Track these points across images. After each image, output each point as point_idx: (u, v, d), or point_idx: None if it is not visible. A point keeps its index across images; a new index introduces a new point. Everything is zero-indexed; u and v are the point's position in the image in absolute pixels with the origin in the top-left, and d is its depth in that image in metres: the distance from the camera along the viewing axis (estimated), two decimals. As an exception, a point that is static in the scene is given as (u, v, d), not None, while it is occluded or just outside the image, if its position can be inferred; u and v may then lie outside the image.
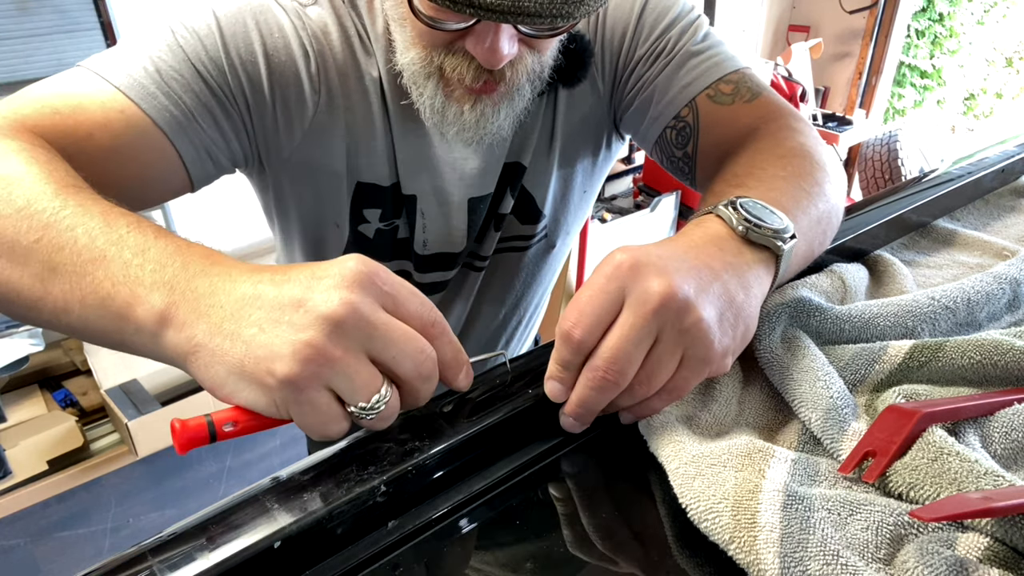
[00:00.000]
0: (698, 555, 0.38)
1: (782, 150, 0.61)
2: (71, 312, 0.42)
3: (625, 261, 0.42)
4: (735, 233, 0.49)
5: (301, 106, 0.66)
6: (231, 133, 0.64)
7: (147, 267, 0.41)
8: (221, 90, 0.61)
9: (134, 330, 0.40)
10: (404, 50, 0.62)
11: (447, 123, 0.64)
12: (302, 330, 0.36)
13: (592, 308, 0.42)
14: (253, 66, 0.62)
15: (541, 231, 0.85)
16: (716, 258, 0.46)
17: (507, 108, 0.64)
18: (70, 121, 0.55)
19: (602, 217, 3.04)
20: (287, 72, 0.64)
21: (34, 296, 0.43)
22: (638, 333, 0.41)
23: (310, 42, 0.65)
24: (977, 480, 0.38)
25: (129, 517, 2.08)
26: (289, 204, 0.76)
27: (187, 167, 0.62)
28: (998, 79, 4.72)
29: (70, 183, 0.46)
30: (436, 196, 0.75)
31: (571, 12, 0.51)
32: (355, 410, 0.38)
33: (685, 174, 0.73)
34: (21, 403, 2.25)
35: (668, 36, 0.71)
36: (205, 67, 0.60)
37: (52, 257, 0.42)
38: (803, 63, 3.50)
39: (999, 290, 0.57)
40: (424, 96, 0.63)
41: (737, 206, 0.49)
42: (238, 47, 0.62)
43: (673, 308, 0.42)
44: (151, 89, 0.58)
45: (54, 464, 2.11)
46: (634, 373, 0.42)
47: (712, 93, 0.69)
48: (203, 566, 0.35)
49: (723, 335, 0.44)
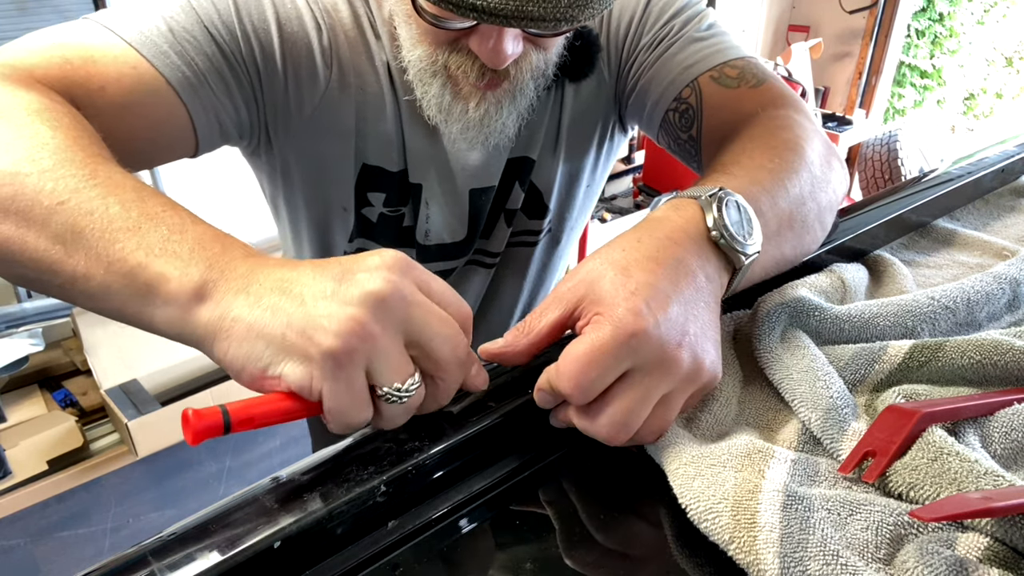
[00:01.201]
0: (698, 555, 0.38)
1: (775, 141, 0.60)
2: (92, 279, 0.40)
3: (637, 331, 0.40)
4: (708, 236, 0.47)
5: (313, 79, 0.65)
6: (240, 100, 0.63)
7: (185, 244, 0.40)
8: (233, 55, 0.61)
9: (162, 302, 0.39)
10: (410, 47, 0.62)
11: (452, 120, 0.64)
12: (348, 304, 0.36)
13: (597, 374, 0.40)
14: (266, 34, 0.62)
15: (547, 226, 0.85)
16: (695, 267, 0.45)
17: (510, 106, 0.64)
18: (82, 72, 0.53)
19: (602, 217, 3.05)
20: (299, 43, 0.64)
21: (50, 259, 0.41)
22: (650, 396, 0.41)
23: (322, 16, 0.65)
24: (977, 480, 0.38)
25: (129, 517, 2.08)
26: (296, 187, 0.75)
27: (196, 129, 0.61)
28: (998, 79, 4.72)
29: (98, 153, 0.45)
30: (440, 186, 0.75)
31: (576, 16, 0.51)
32: (388, 391, 0.38)
33: (692, 157, 0.72)
34: (21, 403, 2.25)
35: (672, 24, 0.71)
36: (218, 31, 0.60)
37: (78, 221, 0.40)
38: (803, 63, 3.50)
39: (999, 290, 0.57)
40: (429, 94, 0.63)
41: (722, 206, 0.47)
42: (251, 14, 0.61)
43: (684, 368, 0.41)
44: (164, 48, 0.57)
45: (54, 464, 2.11)
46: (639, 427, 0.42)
47: (716, 75, 0.69)
48: (203, 566, 0.35)
49: (719, 357, 0.45)
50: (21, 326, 2.19)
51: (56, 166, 0.42)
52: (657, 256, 0.44)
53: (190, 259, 0.39)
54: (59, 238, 0.41)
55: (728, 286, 0.49)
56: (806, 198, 0.56)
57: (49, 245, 0.41)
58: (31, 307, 2.23)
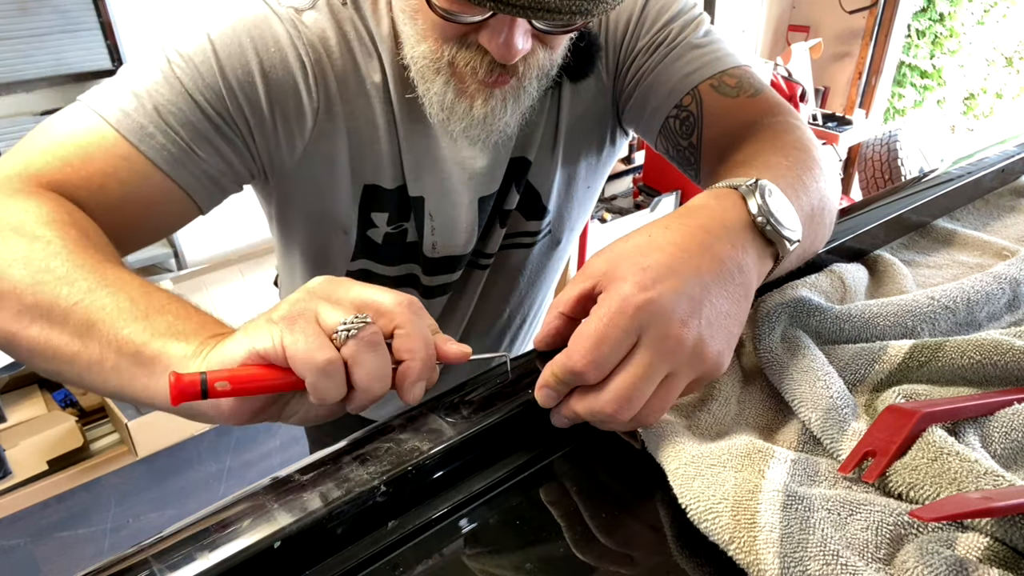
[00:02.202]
0: (698, 555, 0.38)
1: (781, 142, 0.61)
2: (105, 362, 0.46)
3: (642, 305, 0.41)
4: (753, 223, 0.48)
5: (300, 118, 0.66)
6: (233, 156, 0.64)
7: (190, 325, 0.47)
8: (220, 116, 0.62)
9: (162, 370, 0.45)
10: (414, 44, 0.62)
11: (455, 119, 0.64)
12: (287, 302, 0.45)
13: (609, 349, 0.41)
14: (251, 87, 0.62)
15: (546, 227, 0.85)
16: (727, 257, 0.46)
17: (514, 104, 0.64)
18: (82, 172, 0.57)
19: (602, 217, 3.05)
20: (285, 87, 0.64)
21: (71, 351, 0.47)
22: (653, 373, 0.42)
23: (306, 51, 0.64)
24: (977, 480, 0.38)
25: (129, 517, 2.08)
26: (295, 213, 0.76)
27: (192, 197, 0.63)
28: (998, 79, 4.72)
29: (106, 256, 0.52)
30: (444, 197, 0.75)
31: (589, 9, 0.51)
32: (339, 329, 0.42)
33: (691, 165, 0.73)
34: (21, 403, 2.25)
35: (670, 28, 0.71)
36: (203, 95, 0.60)
37: (92, 316, 0.47)
38: (803, 63, 3.50)
39: (999, 290, 0.57)
40: (432, 92, 0.62)
41: (763, 192, 0.48)
42: (235, 70, 0.61)
43: (687, 348, 0.42)
44: (149, 129, 0.59)
45: (54, 464, 2.11)
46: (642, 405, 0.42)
47: (716, 84, 0.69)
48: (203, 566, 0.35)
49: (729, 350, 0.45)
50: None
51: (70, 272, 0.49)
52: (682, 242, 0.45)
53: (194, 336, 0.46)
54: (77, 332, 0.47)
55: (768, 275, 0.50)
56: (823, 193, 0.58)
57: (69, 340, 0.47)
58: (31, 307, 2.23)
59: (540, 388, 0.44)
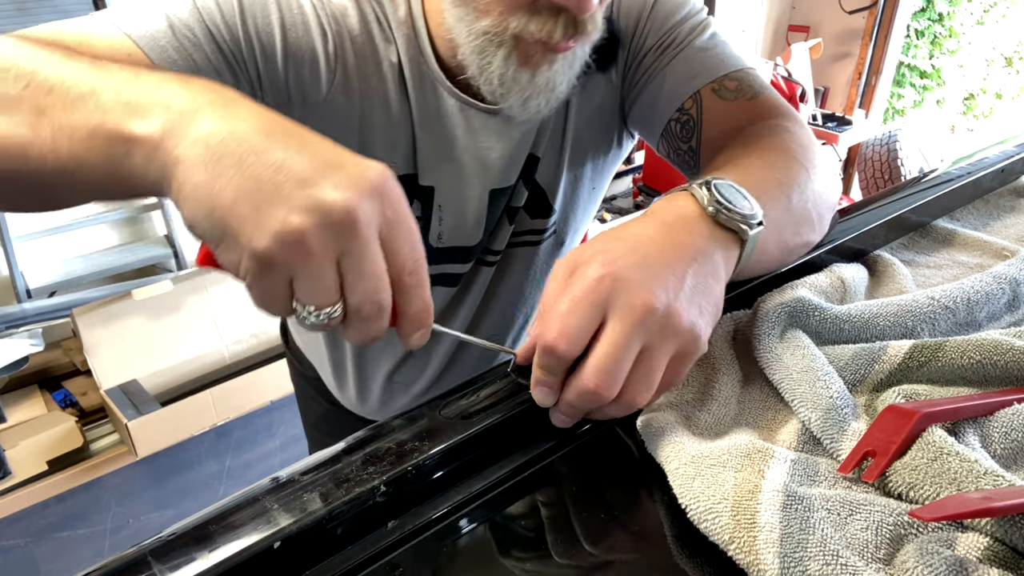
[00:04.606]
0: (698, 555, 0.38)
1: (763, 144, 0.62)
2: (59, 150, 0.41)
3: (605, 276, 0.43)
4: (705, 213, 0.49)
5: (315, 83, 0.66)
6: None
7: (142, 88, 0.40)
8: (233, 55, 0.62)
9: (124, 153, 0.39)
10: (472, 21, 0.61)
11: (515, 91, 0.63)
12: (296, 212, 0.35)
13: (576, 320, 0.42)
14: (268, 37, 0.62)
15: (551, 227, 0.85)
16: (686, 243, 0.47)
17: (570, 70, 0.64)
18: (73, 46, 0.53)
19: (602, 217, 3.05)
20: (303, 47, 0.64)
21: (23, 142, 0.42)
22: (627, 342, 0.42)
23: (328, 23, 0.65)
24: (977, 480, 0.38)
25: (129, 517, 2.08)
26: None
27: None
28: (998, 79, 4.72)
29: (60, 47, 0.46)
30: (455, 188, 0.75)
31: None
32: (304, 311, 0.38)
33: (691, 168, 0.73)
34: (21, 403, 2.25)
35: (678, 30, 0.72)
36: (219, 31, 0.60)
37: (40, 100, 0.41)
38: (803, 63, 3.50)
39: (999, 290, 0.57)
40: (493, 66, 0.62)
41: (711, 187, 0.50)
42: (255, 16, 0.62)
43: (658, 316, 0.43)
44: (162, 43, 0.58)
45: (54, 464, 2.11)
46: (623, 381, 0.43)
47: (716, 87, 0.70)
48: (203, 566, 0.35)
49: (704, 324, 0.46)
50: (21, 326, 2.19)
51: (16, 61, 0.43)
52: (642, 233, 0.47)
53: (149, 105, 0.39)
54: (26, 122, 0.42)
55: (738, 263, 0.50)
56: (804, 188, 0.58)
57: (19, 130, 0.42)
58: (31, 307, 2.24)
59: (535, 386, 0.45)
